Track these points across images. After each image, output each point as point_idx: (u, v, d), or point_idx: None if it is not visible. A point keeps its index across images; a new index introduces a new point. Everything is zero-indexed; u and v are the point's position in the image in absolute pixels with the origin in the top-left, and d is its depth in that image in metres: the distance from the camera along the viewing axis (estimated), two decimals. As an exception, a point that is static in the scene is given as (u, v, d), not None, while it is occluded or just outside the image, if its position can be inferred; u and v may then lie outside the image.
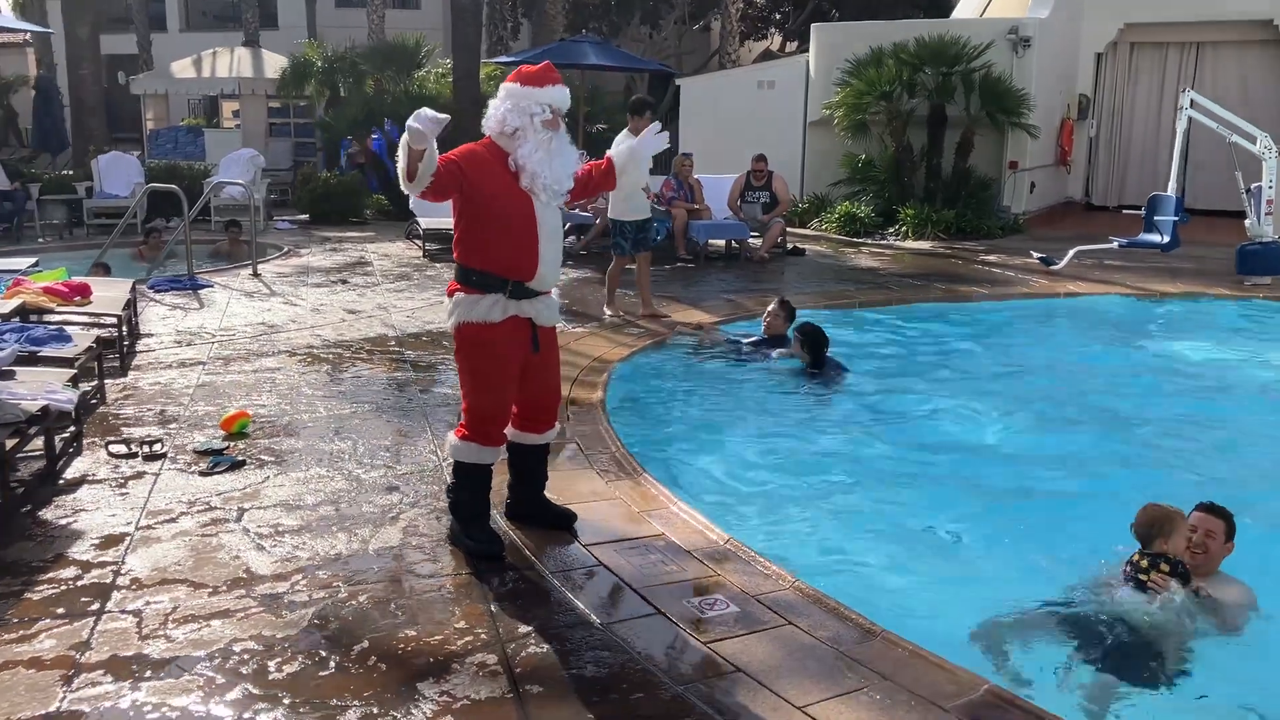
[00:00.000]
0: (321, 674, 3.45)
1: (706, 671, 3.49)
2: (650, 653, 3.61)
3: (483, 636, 3.71)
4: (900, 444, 6.32)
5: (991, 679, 3.48)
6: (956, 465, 6.00)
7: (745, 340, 8.34)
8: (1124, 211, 14.35)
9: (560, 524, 4.65)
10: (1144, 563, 4.23)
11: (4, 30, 20.44)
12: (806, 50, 18.06)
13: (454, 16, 17.61)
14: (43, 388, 5.34)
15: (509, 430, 4.57)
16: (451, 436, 4.49)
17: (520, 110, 4.31)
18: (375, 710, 3.24)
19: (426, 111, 3.97)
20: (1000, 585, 4.60)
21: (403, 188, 4.18)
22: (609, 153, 4.94)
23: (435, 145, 4.03)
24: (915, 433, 6.57)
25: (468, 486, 4.48)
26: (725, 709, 3.27)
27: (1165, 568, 4.18)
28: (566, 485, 5.18)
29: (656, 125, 5.14)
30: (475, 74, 17.47)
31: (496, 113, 4.35)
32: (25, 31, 23.57)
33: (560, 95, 4.39)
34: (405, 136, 3.98)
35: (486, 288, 4.29)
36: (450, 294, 4.41)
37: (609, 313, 9.31)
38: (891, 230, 14.88)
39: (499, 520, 4.67)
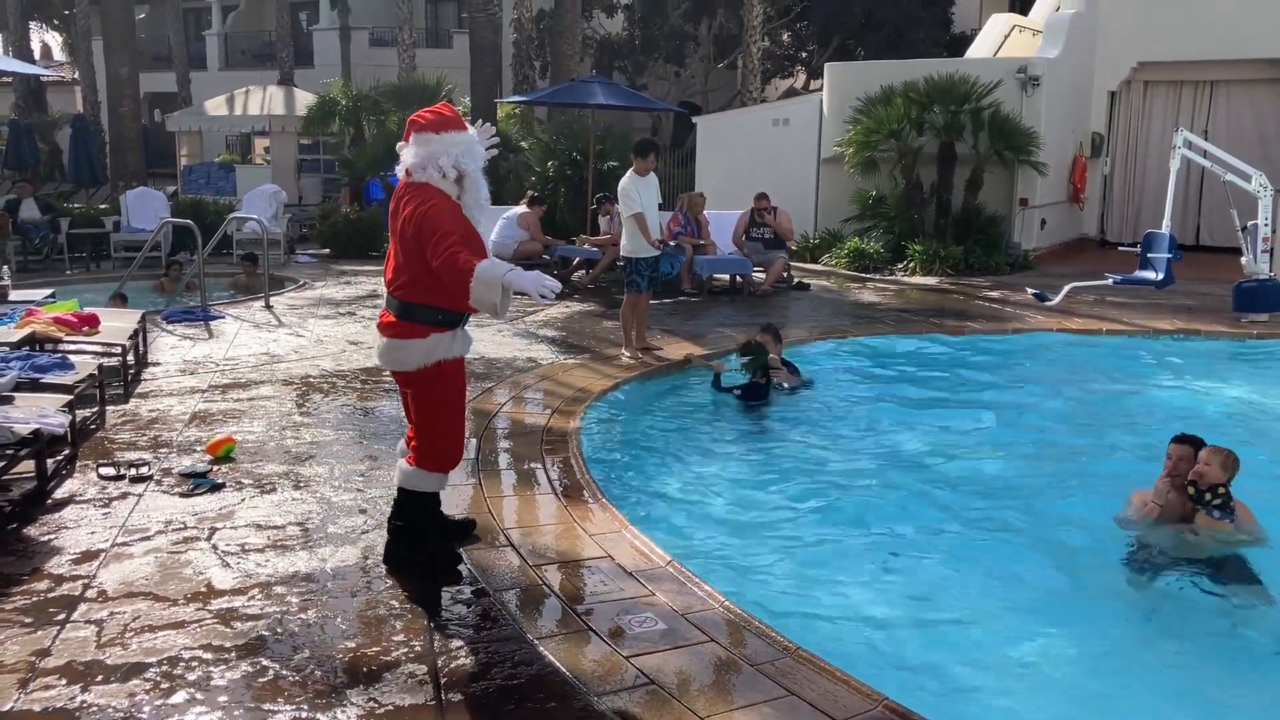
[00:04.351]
0: (260, 680, 3.68)
1: (623, 683, 3.68)
2: (573, 665, 3.80)
3: (417, 649, 3.92)
4: (861, 475, 6.49)
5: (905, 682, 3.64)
6: (910, 493, 6.17)
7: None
8: (1120, 249, 14.41)
9: (459, 534, 4.94)
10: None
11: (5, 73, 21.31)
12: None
13: (472, 56, 18.05)
14: (37, 412, 5.65)
15: (404, 446, 4.84)
16: (410, 467, 4.66)
17: (475, 156, 4.53)
18: (303, 714, 3.46)
19: (547, 284, 4.12)
20: (937, 609, 4.77)
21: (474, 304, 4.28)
22: None
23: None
24: (877, 464, 6.72)
25: (424, 510, 4.73)
26: (631, 717, 3.46)
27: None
28: (527, 509, 5.42)
29: (489, 129, 4.95)
30: (492, 112, 17.90)
31: (448, 161, 4.41)
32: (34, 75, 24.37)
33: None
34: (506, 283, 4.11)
35: (451, 324, 4.51)
36: (404, 336, 4.45)
37: (627, 354, 9.08)
38: (900, 266, 15.04)
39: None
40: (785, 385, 8.26)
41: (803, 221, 16.41)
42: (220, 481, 5.71)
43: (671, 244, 12.50)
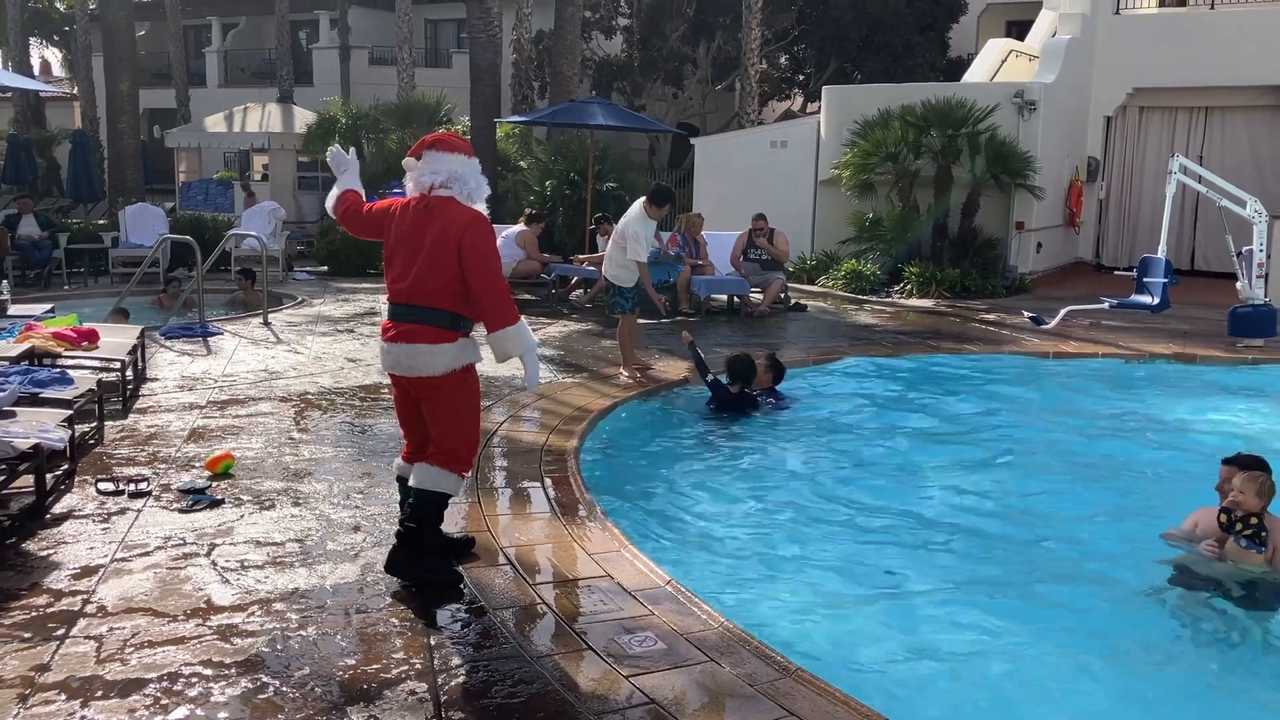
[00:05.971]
0: (260, 697, 3.67)
1: (622, 703, 3.68)
2: (572, 684, 3.81)
3: (418, 667, 3.92)
4: (863, 496, 6.50)
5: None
6: (910, 515, 6.17)
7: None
8: (1116, 273, 14.48)
9: (459, 551, 4.98)
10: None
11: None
12: (825, 111, 18.42)
13: (472, 76, 18.14)
14: (37, 427, 5.65)
15: (402, 463, 4.99)
16: (434, 468, 4.66)
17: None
18: (303, 731, 3.47)
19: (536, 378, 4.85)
20: (938, 630, 4.78)
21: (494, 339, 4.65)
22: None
23: None
24: (877, 485, 6.74)
25: (442, 513, 4.77)
26: (632, 737, 3.46)
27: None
28: (526, 527, 5.42)
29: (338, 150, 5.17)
30: (491, 131, 17.99)
31: (476, 185, 4.70)
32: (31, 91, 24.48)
33: None
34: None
35: (468, 330, 4.67)
36: (435, 341, 4.54)
37: (625, 374, 9.15)
38: (897, 288, 15.10)
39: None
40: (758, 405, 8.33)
41: (800, 243, 16.46)
42: (219, 498, 5.72)
43: (672, 251, 12.69)
